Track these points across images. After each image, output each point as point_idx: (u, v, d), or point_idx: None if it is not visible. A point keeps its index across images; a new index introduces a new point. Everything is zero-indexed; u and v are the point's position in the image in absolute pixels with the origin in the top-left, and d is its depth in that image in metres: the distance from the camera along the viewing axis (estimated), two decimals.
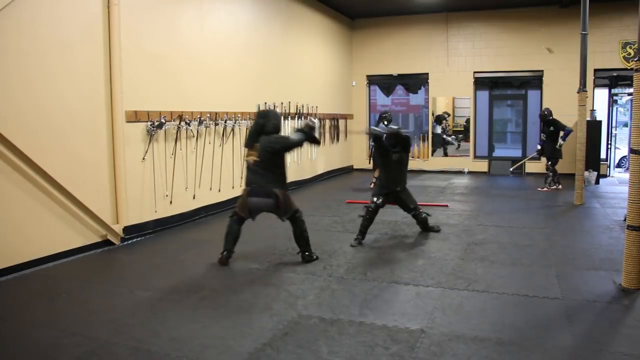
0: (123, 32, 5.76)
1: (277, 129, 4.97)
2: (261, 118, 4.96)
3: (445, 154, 13.38)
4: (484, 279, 4.56)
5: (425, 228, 6.30)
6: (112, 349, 3.28)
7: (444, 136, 13.52)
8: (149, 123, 6.20)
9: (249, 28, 8.60)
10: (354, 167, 13.62)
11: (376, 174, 9.61)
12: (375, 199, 5.92)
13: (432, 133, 13.41)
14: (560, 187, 9.80)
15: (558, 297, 4.12)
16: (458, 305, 3.97)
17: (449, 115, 13.58)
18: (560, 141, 9.63)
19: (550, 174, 9.82)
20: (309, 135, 5.09)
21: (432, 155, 13.33)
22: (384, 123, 9.57)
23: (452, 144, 13.40)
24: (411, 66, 13.09)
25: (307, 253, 5.10)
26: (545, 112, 9.82)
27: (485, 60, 12.54)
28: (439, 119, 13.44)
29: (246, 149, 5.00)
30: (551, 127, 9.70)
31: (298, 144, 5.02)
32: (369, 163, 10.30)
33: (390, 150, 6.00)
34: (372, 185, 9.70)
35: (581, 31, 8.02)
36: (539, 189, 9.75)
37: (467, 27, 12.62)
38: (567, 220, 7.16)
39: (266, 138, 4.86)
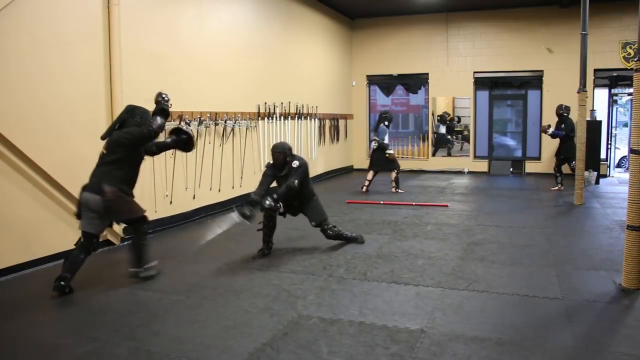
0: (123, 32, 5.76)
1: (140, 126, 4.44)
2: (125, 113, 4.46)
3: (449, 154, 13.39)
4: (484, 279, 4.56)
5: (347, 239, 5.77)
6: (112, 349, 3.28)
7: (449, 136, 13.52)
8: None
9: (249, 28, 8.60)
10: (354, 167, 13.62)
11: (370, 175, 9.63)
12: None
13: (436, 133, 13.41)
14: (562, 188, 9.76)
15: (558, 297, 4.12)
16: (458, 305, 3.97)
17: (448, 115, 13.60)
18: (550, 130, 9.57)
19: (558, 173, 9.75)
20: (178, 136, 4.77)
21: (434, 155, 13.32)
22: (384, 123, 9.55)
23: (454, 144, 13.41)
24: (411, 66, 13.09)
25: (135, 269, 4.48)
26: (563, 107, 9.59)
27: (485, 60, 12.54)
28: (443, 119, 13.42)
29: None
30: (562, 125, 9.56)
31: (153, 136, 4.43)
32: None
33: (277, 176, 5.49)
34: (364, 189, 9.59)
35: (581, 31, 8.02)
36: (552, 189, 9.59)
37: (467, 27, 12.62)
38: (567, 220, 7.16)
39: (122, 131, 4.39)
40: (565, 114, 9.54)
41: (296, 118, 10.11)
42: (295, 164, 5.31)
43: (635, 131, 4.18)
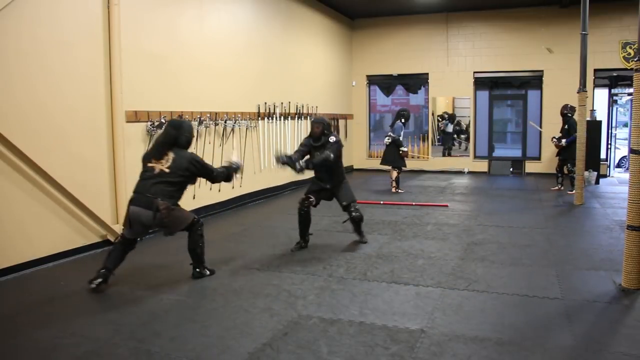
0: (123, 32, 5.76)
1: (189, 142, 4.61)
2: (174, 129, 4.51)
3: (449, 154, 13.39)
4: (484, 279, 4.56)
5: (359, 230, 5.91)
6: (112, 349, 3.28)
7: (455, 135, 13.52)
8: (149, 123, 6.21)
9: (249, 28, 8.60)
10: (354, 167, 13.62)
11: (394, 174, 9.59)
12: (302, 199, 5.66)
13: (444, 132, 13.41)
14: (562, 188, 9.77)
15: (558, 297, 4.12)
16: (458, 305, 3.97)
17: (448, 115, 13.60)
18: (563, 142, 9.46)
19: (560, 174, 9.73)
20: (229, 174, 4.87)
21: (444, 155, 13.31)
22: (401, 120, 9.55)
23: (456, 144, 13.43)
24: (411, 66, 13.09)
25: (198, 269, 4.67)
26: (568, 107, 9.45)
27: (485, 60, 12.54)
28: (452, 118, 13.40)
29: (153, 159, 4.46)
30: (566, 126, 9.44)
31: (217, 178, 4.75)
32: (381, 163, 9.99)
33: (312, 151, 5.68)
34: (393, 190, 9.58)
35: (581, 31, 8.02)
36: (569, 192, 9.27)
37: (467, 27, 12.62)
38: (567, 220, 7.16)
39: (188, 155, 4.50)
40: (570, 114, 9.41)
41: (296, 118, 10.11)
42: (332, 139, 5.54)
43: (635, 131, 4.18)
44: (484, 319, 3.69)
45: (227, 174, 4.85)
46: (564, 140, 9.44)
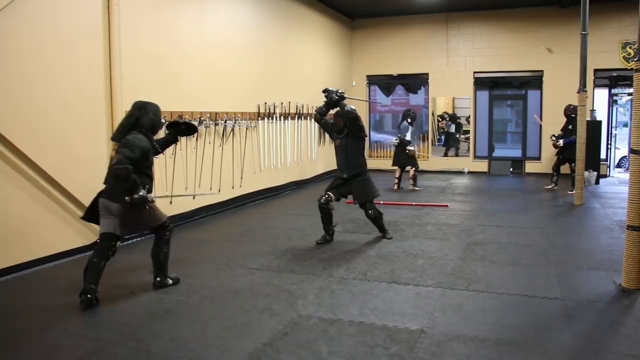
0: (123, 32, 5.76)
1: (154, 126, 4.22)
2: (137, 110, 4.16)
3: (456, 154, 13.37)
4: (484, 279, 4.56)
5: (380, 227, 6.02)
6: (112, 349, 3.28)
7: (457, 135, 13.49)
8: None
9: (249, 28, 8.60)
10: None
11: (397, 173, 9.69)
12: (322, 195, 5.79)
13: (447, 132, 13.41)
14: (556, 188, 9.76)
15: (558, 297, 4.11)
16: (458, 305, 3.97)
17: (448, 115, 13.58)
18: (560, 142, 9.46)
19: (555, 173, 9.72)
20: (133, 185, 3.99)
21: (446, 155, 13.31)
22: (407, 121, 9.59)
23: (461, 143, 13.42)
24: (411, 66, 13.09)
25: (158, 278, 4.36)
26: (571, 108, 9.32)
27: (485, 60, 12.54)
28: (453, 118, 13.38)
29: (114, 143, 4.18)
30: (570, 126, 9.30)
31: (115, 171, 3.93)
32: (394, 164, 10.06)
33: (332, 134, 5.94)
34: (395, 188, 9.75)
35: (581, 31, 8.02)
36: (569, 192, 9.27)
37: (467, 27, 12.62)
38: (567, 220, 7.16)
39: (129, 137, 4.04)
40: (574, 115, 9.17)
41: (296, 118, 10.11)
42: (351, 109, 5.79)
43: (635, 131, 4.18)
44: (484, 319, 3.69)
45: (131, 182, 3.95)
46: (561, 141, 9.42)
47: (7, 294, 4.34)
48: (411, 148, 9.60)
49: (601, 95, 12.24)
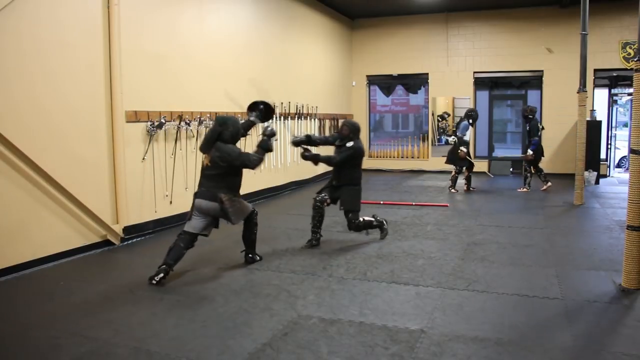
0: (123, 32, 5.76)
1: (235, 137, 4.81)
2: (219, 125, 4.76)
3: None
4: (484, 279, 4.56)
5: (370, 228, 5.94)
6: (112, 349, 3.28)
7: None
8: (149, 123, 6.21)
9: (249, 28, 8.60)
10: None
11: (453, 173, 9.63)
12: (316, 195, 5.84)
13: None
14: (529, 189, 9.68)
15: (558, 297, 4.12)
16: (458, 305, 3.97)
17: (448, 115, 13.57)
18: (530, 151, 9.36)
19: (529, 174, 9.72)
20: (266, 149, 4.96)
21: (440, 154, 13.28)
22: (468, 121, 9.52)
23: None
24: (411, 66, 13.09)
25: (250, 255, 5.13)
26: (528, 109, 9.47)
27: (485, 60, 12.54)
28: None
29: (204, 155, 4.79)
30: (528, 127, 9.53)
31: (252, 163, 4.78)
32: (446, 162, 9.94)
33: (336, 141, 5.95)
34: (465, 189, 9.70)
35: (581, 31, 8.02)
36: (520, 189, 9.63)
37: (467, 27, 12.62)
38: (567, 220, 7.16)
39: (218, 146, 4.69)
40: (531, 116, 9.42)
41: (296, 118, 10.11)
42: (350, 144, 5.73)
43: (635, 131, 4.18)
44: (484, 319, 3.69)
45: (265, 147, 4.94)
46: (530, 151, 9.39)
47: (7, 294, 4.34)
48: (464, 149, 9.38)
49: (601, 95, 12.24)
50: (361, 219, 5.75)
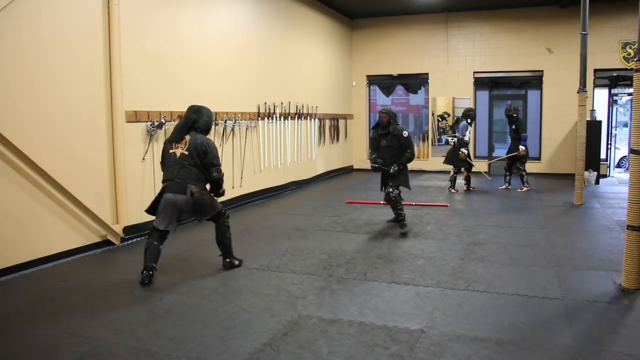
0: (123, 32, 5.76)
1: (208, 127, 4.72)
2: (193, 113, 4.64)
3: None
4: (484, 279, 4.56)
5: (395, 210, 6.36)
6: (112, 349, 3.28)
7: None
8: (149, 123, 6.21)
9: (249, 28, 8.60)
10: (354, 167, 13.62)
11: (453, 173, 9.67)
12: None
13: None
14: (509, 187, 9.82)
15: (558, 297, 4.12)
16: (458, 305, 3.97)
17: (448, 115, 13.57)
18: (522, 148, 9.42)
19: (507, 172, 9.82)
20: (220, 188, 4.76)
21: (440, 154, 13.29)
22: (467, 121, 9.52)
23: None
24: (411, 66, 13.09)
25: (227, 260, 4.91)
26: (512, 108, 9.58)
27: (485, 60, 12.54)
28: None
29: (173, 143, 4.60)
30: (513, 126, 9.60)
31: (214, 174, 4.59)
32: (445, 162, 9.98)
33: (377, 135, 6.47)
34: (465, 189, 9.77)
35: (581, 31, 8.03)
36: (519, 190, 9.68)
37: (467, 27, 12.62)
38: (567, 220, 7.16)
39: (203, 138, 4.58)
40: (515, 115, 9.55)
41: (296, 118, 10.11)
42: (405, 134, 6.29)
43: (635, 131, 4.18)
44: (484, 319, 3.69)
45: (219, 187, 4.72)
46: (522, 147, 9.44)
47: (7, 294, 4.34)
48: (464, 151, 9.39)
49: (601, 95, 12.24)
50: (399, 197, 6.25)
